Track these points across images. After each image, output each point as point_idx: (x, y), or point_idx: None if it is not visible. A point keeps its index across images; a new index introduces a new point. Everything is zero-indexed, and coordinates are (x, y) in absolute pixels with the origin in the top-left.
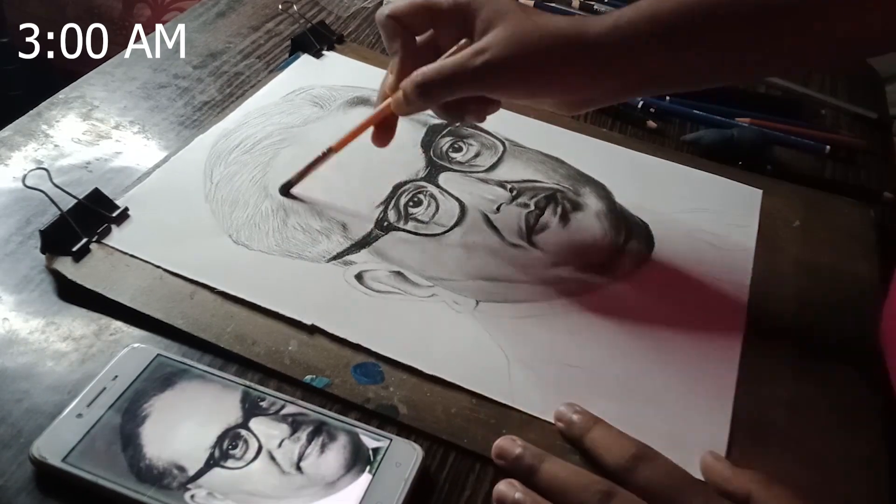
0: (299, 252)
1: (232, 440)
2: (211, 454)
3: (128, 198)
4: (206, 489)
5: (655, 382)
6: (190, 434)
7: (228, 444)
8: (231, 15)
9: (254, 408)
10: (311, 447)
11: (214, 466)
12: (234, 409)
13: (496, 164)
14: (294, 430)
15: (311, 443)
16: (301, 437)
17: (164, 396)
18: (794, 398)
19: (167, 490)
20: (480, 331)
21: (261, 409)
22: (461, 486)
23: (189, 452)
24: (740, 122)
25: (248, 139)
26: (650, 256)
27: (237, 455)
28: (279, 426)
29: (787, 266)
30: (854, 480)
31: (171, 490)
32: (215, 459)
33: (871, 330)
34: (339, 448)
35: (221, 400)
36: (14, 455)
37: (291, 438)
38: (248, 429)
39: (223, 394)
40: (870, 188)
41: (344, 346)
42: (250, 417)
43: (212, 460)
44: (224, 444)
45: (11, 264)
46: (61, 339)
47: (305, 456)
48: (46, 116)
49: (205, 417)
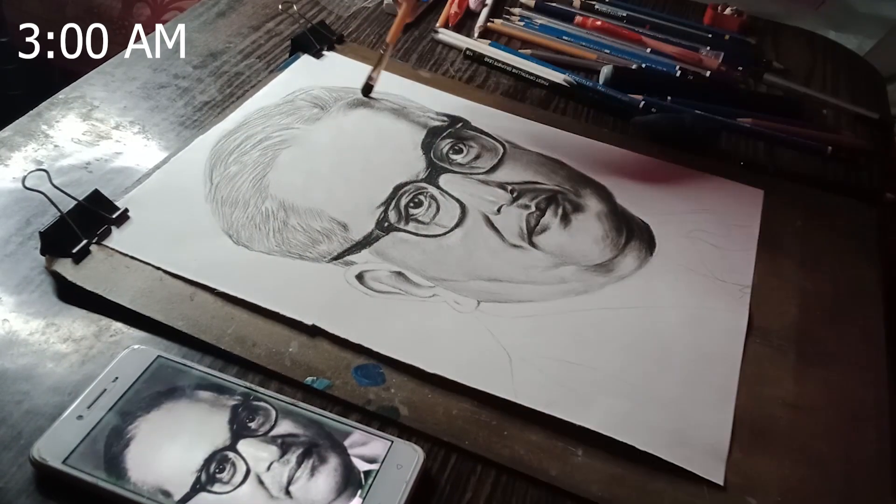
0: (300, 252)
1: (219, 463)
2: (197, 478)
3: (128, 199)
4: None
5: (657, 382)
6: (176, 456)
7: (216, 467)
8: (231, 15)
9: (242, 429)
10: (300, 470)
11: (201, 491)
12: (222, 430)
13: (497, 165)
14: (283, 452)
15: (301, 465)
16: (291, 460)
17: (150, 418)
18: (796, 398)
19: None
20: (482, 330)
21: (249, 430)
22: (462, 488)
23: (174, 476)
24: (741, 122)
25: (249, 140)
26: (651, 257)
27: (224, 479)
28: (268, 448)
29: (788, 266)
30: (856, 481)
31: None
32: (202, 484)
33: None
34: (329, 471)
35: (208, 421)
36: (14, 457)
37: (281, 461)
38: (236, 451)
39: (210, 415)
40: (871, 189)
41: (345, 347)
42: (238, 439)
43: (198, 484)
44: (211, 468)
45: (11, 265)
46: (61, 340)
47: (295, 479)
48: (46, 117)
49: (192, 439)
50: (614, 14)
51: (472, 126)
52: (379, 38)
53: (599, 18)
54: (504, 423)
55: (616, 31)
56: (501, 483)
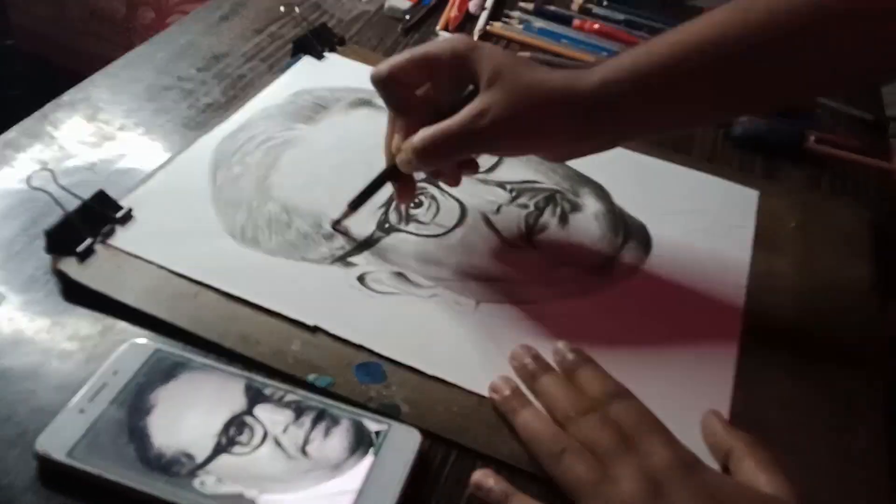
0: (302, 254)
1: (238, 427)
2: (218, 441)
3: (132, 199)
4: (215, 475)
5: (652, 382)
6: (196, 423)
7: (234, 431)
8: (234, 18)
9: (257, 396)
10: (315, 432)
11: (222, 453)
12: (239, 397)
13: (495, 165)
14: (298, 415)
15: (315, 427)
16: (305, 423)
17: (168, 387)
18: (791, 398)
19: (176, 478)
20: (481, 330)
21: (264, 396)
22: (463, 485)
23: (196, 441)
24: (739, 120)
25: (251, 141)
26: (648, 257)
27: (244, 441)
28: (283, 412)
29: (783, 267)
30: (850, 480)
31: (180, 477)
32: (222, 446)
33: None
34: (342, 432)
35: (225, 389)
36: (20, 454)
37: (296, 424)
38: (252, 416)
39: (226, 383)
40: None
41: (346, 345)
42: (254, 405)
43: (219, 447)
44: (230, 432)
45: (17, 265)
46: (67, 338)
47: (310, 440)
48: (52, 118)
49: (210, 406)
50: (612, 18)
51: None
52: (380, 40)
53: (598, 22)
54: (504, 420)
55: (614, 34)
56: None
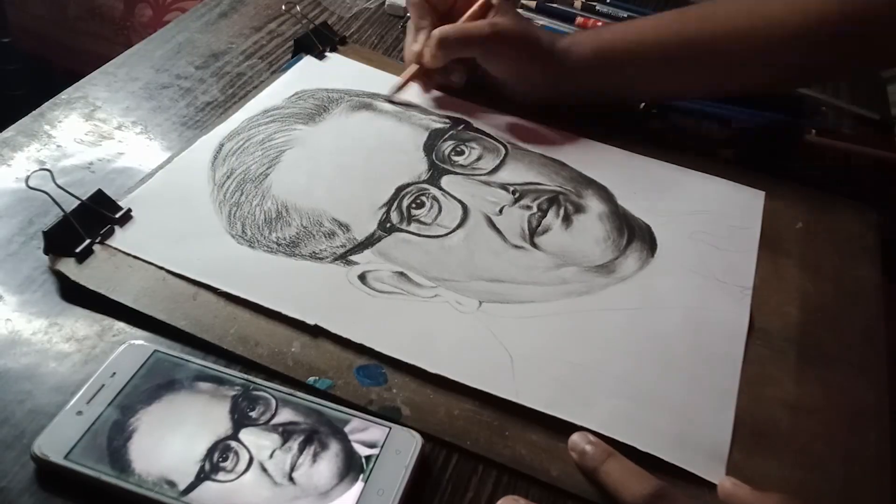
0: (302, 253)
1: (222, 452)
2: (201, 468)
3: (131, 199)
4: None
5: (658, 384)
6: (178, 447)
7: (218, 456)
8: (233, 15)
9: (243, 418)
10: (303, 457)
11: (205, 480)
12: (224, 420)
13: (498, 166)
14: (285, 439)
15: (303, 452)
16: (292, 447)
17: (151, 410)
18: (797, 400)
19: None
20: (484, 330)
21: (250, 419)
22: (464, 488)
23: (178, 466)
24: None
25: (251, 140)
26: (653, 258)
27: (228, 468)
28: (270, 436)
29: (789, 268)
30: (857, 483)
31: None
32: (206, 473)
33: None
34: (331, 457)
35: (210, 412)
36: (17, 456)
37: (283, 448)
38: (238, 440)
39: (211, 405)
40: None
41: (347, 347)
42: (240, 428)
43: (202, 474)
44: (214, 457)
45: (14, 265)
46: (64, 339)
47: (297, 466)
48: (49, 117)
49: (194, 430)
50: (615, 15)
51: (474, 127)
52: (380, 39)
53: (600, 19)
54: (505, 423)
55: None
56: (503, 483)
